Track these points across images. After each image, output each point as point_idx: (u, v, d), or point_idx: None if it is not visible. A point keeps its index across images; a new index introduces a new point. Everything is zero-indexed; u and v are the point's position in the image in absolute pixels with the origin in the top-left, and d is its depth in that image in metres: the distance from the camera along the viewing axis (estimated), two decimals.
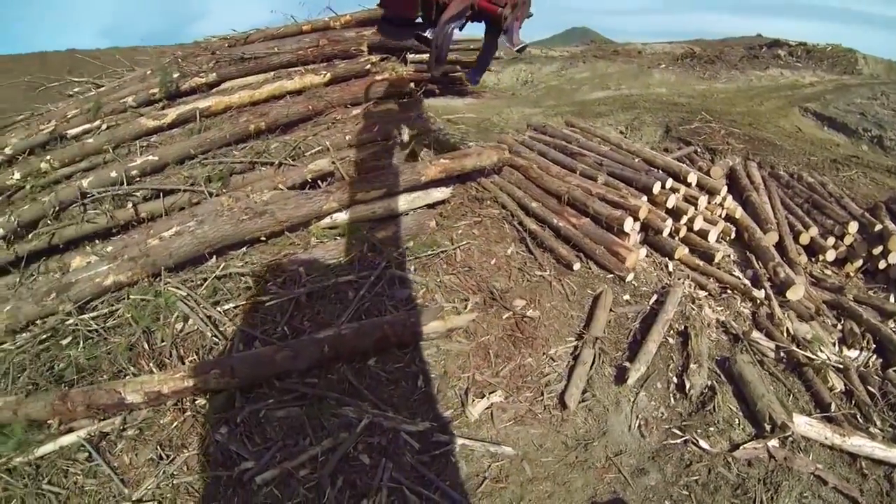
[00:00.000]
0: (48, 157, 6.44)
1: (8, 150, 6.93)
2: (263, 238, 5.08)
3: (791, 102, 11.27)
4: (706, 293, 5.23)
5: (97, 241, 5.76)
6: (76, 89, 10.24)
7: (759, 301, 5.25)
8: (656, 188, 5.45)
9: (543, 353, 4.23)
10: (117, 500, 3.42)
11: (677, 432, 3.88)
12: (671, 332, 4.62)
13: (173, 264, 4.78)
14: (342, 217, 5.22)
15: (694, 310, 4.87)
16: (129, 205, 5.67)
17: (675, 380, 4.27)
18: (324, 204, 5.10)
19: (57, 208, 5.67)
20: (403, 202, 5.33)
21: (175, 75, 7.07)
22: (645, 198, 5.40)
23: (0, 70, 14.61)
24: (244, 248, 5.04)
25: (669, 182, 5.56)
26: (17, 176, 6.38)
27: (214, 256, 5.03)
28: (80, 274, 4.72)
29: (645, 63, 13.98)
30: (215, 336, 4.26)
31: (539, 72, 13.74)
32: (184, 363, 4.14)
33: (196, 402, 3.85)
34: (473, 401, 3.79)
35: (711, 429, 3.90)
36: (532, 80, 13.18)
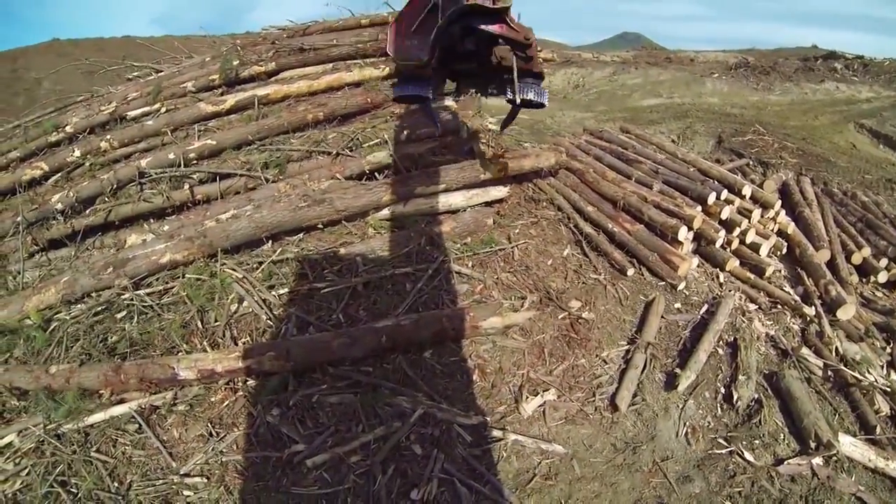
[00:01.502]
0: (108, 137, 6.62)
1: (69, 129, 7.16)
2: (321, 226, 5.14)
3: (846, 118, 11.06)
4: (756, 306, 5.20)
5: (152, 221, 5.88)
6: (135, 73, 10.48)
7: (808, 318, 5.20)
8: (711, 199, 5.44)
9: (596, 355, 4.26)
10: (165, 473, 3.51)
11: (723, 442, 3.88)
12: (721, 342, 4.60)
13: (230, 246, 4.88)
14: (400, 209, 5.27)
15: (744, 322, 4.85)
16: (186, 186, 5.79)
17: (722, 390, 4.26)
18: (383, 196, 5.15)
19: (115, 186, 5.83)
20: (462, 198, 5.38)
21: (235, 63, 7.21)
22: (699, 208, 5.39)
23: (60, 53, 15.16)
24: (300, 235, 5.12)
25: (724, 193, 5.54)
26: (77, 153, 6.58)
27: (270, 241, 5.12)
28: (137, 251, 4.84)
29: (697, 71, 13.83)
30: (269, 319, 4.34)
31: (590, 76, 13.68)
32: (237, 344, 4.22)
33: (248, 382, 3.93)
34: (527, 398, 3.83)
35: (756, 442, 3.89)
36: (583, 85, 13.14)
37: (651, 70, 13.60)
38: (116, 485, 3.47)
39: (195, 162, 5.97)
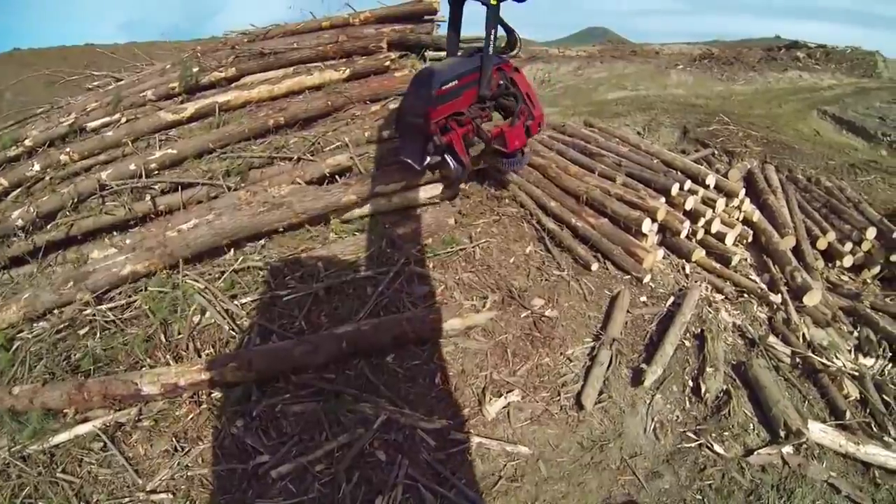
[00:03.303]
0: (68, 150, 6.50)
1: (28, 142, 7.00)
2: (281, 229, 5.11)
3: (809, 105, 11.20)
4: (723, 296, 5.21)
5: (115, 233, 5.81)
6: (96, 83, 10.29)
7: (775, 306, 5.23)
8: (674, 190, 5.44)
9: (560, 353, 4.23)
10: (131, 491, 3.46)
11: (692, 436, 3.87)
12: (687, 334, 4.60)
13: (190, 255, 4.81)
14: (360, 209, 5.25)
15: (710, 313, 4.86)
16: (148, 197, 5.70)
17: (690, 383, 4.25)
18: (342, 196, 5.10)
19: (76, 200, 5.72)
20: (421, 193, 5.38)
21: (194, 70, 7.09)
22: (663, 199, 5.38)
23: (22, 63, 14.87)
24: (262, 242, 5.06)
25: (688, 184, 5.55)
26: (36, 167, 6.44)
27: (232, 250, 5.05)
28: (97, 264, 4.77)
29: (662, 63, 13.92)
30: (232, 329, 4.28)
31: (556, 71, 13.69)
32: (200, 356, 4.17)
33: (212, 394, 3.88)
34: (490, 399, 3.79)
35: (726, 433, 3.89)
36: (549, 80, 13.16)
37: (616, 63, 13.65)
38: None
39: (157, 172, 5.88)
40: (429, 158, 4.81)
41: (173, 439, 3.69)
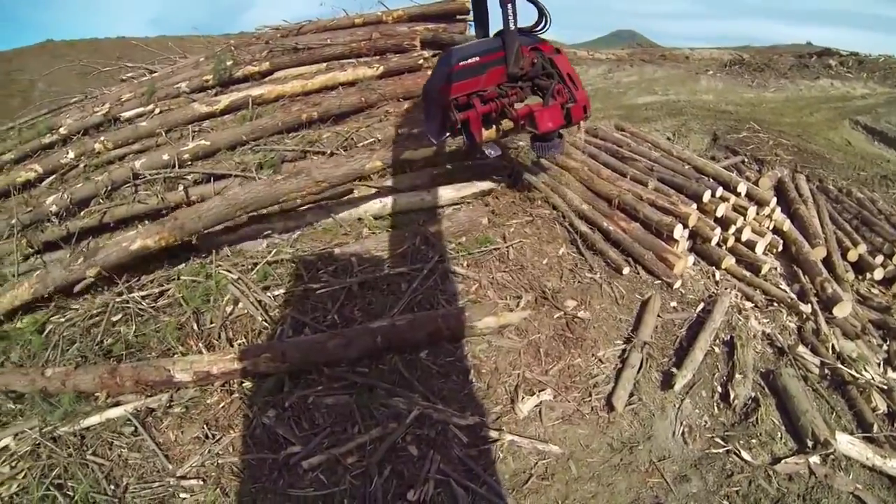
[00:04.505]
0: (102, 138, 6.63)
1: (63, 130, 7.16)
2: (299, 201, 5.12)
3: (841, 115, 11.06)
4: (752, 304, 5.19)
5: (147, 222, 5.86)
6: (129, 74, 10.47)
7: (805, 316, 5.20)
8: (706, 196, 5.43)
9: (592, 355, 4.25)
10: (161, 476, 3.50)
11: (720, 442, 3.87)
12: (717, 341, 4.59)
13: (202, 228, 4.76)
14: (392, 204, 5.30)
15: (740, 320, 4.84)
16: (181, 187, 5.78)
17: (719, 389, 4.25)
18: (366, 162, 5.01)
19: (109, 188, 5.82)
20: (452, 191, 5.41)
21: (228, 63, 7.19)
22: (695, 205, 5.37)
23: (55, 55, 15.12)
24: (295, 235, 5.10)
25: (720, 191, 5.54)
26: (71, 155, 6.57)
27: (265, 242, 5.10)
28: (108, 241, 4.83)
29: (692, 68, 13.81)
30: (265, 320, 4.33)
31: (586, 74, 13.55)
32: (232, 345, 4.22)
33: (243, 384, 3.92)
34: (523, 398, 3.82)
35: (754, 441, 3.88)
36: None
37: (646, 67, 13.56)
38: (113, 487, 3.46)
39: (190, 163, 5.96)
40: (447, 133, 4.82)
41: (204, 426, 3.73)
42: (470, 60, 4.49)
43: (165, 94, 7.34)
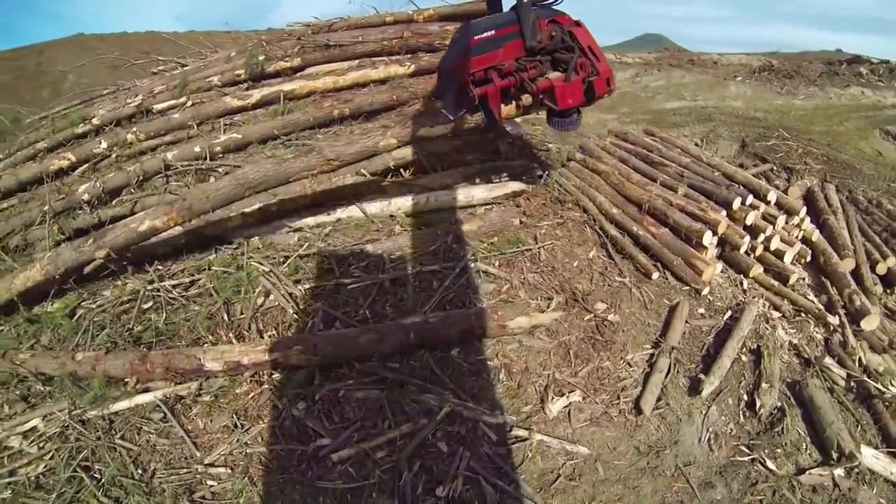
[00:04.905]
0: (134, 129, 6.75)
1: (96, 121, 7.28)
2: (308, 177, 5.07)
3: (872, 124, 10.91)
4: (780, 314, 5.18)
5: None
6: (160, 67, 10.59)
7: (832, 327, 5.18)
8: (736, 203, 5.41)
9: (621, 358, 4.26)
10: (188, 462, 3.56)
11: (745, 450, 3.88)
12: (744, 349, 4.58)
13: (210, 208, 4.76)
14: (421, 201, 5.33)
15: (767, 329, 4.84)
16: (212, 179, 5.84)
17: (745, 397, 4.25)
18: (380, 139, 4.92)
19: (141, 178, 5.95)
20: (484, 191, 5.45)
21: (260, 58, 7.26)
22: (724, 212, 5.35)
23: (85, 48, 15.42)
24: (327, 230, 5.14)
25: (749, 199, 5.51)
26: (104, 145, 6.70)
27: (296, 236, 5.15)
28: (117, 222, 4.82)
29: (721, 74, 13.68)
30: (296, 313, 4.37)
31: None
32: (262, 337, 4.27)
33: (273, 376, 3.97)
34: (553, 398, 3.85)
35: (778, 450, 3.88)
36: None
37: (674, 72, 13.48)
38: (140, 472, 3.53)
39: (221, 156, 6.06)
40: (464, 110, 4.71)
41: (233, 416, 3.79)
42: (486, 34, 4.37)
43: (197, 88, 7.43)
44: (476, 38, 4.35)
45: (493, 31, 4.38)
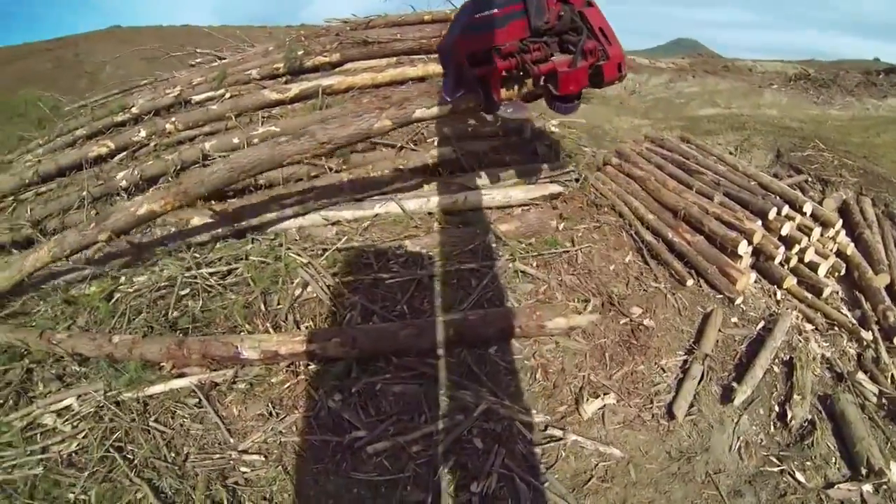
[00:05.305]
0: (173, 119, 6.89)
1: (135, 110, 7.47)
2: (301, 161, 5.13)
3: None
4: (813, 327, 5.16)
5: (213, 202, 6.05)
6: (198, 60, 10.77)
7: (865, 343, 5.15)
8: (772, 214, 5.39)
9: (655, 363, 4.28)
10: (222, 448, 3.61)
11: (775, 461, 3.87)
12: (776, 360, 4.57)
13: (206, 192, 4.81)
14: (460, 199, 5.40)
15: (800, 342, 4.82)
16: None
17: (776, 408, 4.24)
18: (374, 122, 4.75)
19: (179, 167, 6.06)
20: (521, 192, 5.50)
21: (299, 52, 7.38)
22: (760, 222, 5.35)
23: (121, 40, 15.72)
24: (366, 224, 5.22)
25: (785, 209, 5.50)
26: (142, 133, 6.85)
27: (334, 229, 5.24)
28: (117, 206, 4.99)
29: (756, 81, 13.50)
30: (334, 305, 4.43)
31: (647, 83, 13.54)
32: (299, 328, 4.33)
33: (309, 366, 4.02)
34: (588, 399, 3.89)
35: (808, 463, 3.87)
36: (639, 91, 13.02)
37: (708, 79, 13.35)
38: (173, 455, 3.58)
39: None
40: (462, 91, 4.59)
41: (269, 404, 3.84)
42: (488, 12, 4.19)
43: (236, 80, 7.56)
44: (476, 16, 4.22)
45: (496, 10, 4.20)
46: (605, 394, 3.97)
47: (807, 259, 5.64)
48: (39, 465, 3.57)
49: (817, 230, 5.64)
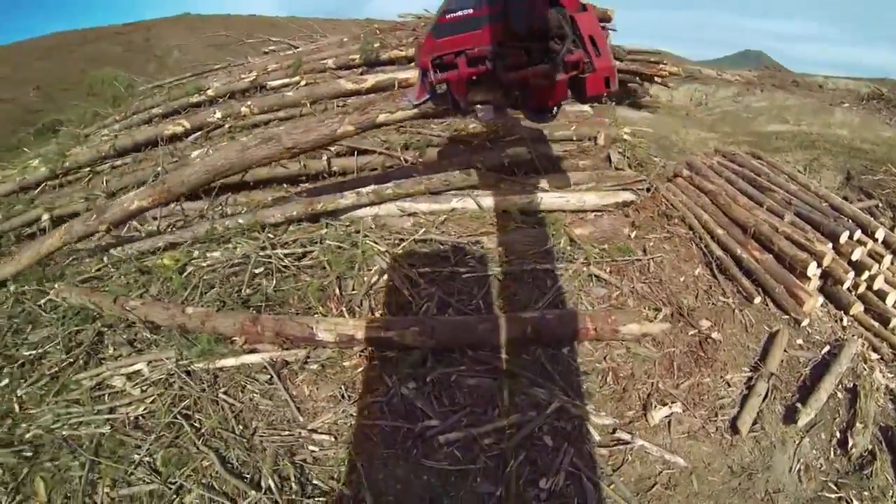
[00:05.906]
0: (248, 103, 7.12)
1: (210, 92, 7.73)
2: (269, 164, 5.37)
3: None
4: (878, 356, 5.12)
5: (286, 185, 6.31)
6: (272, 48, 11.03)
7: None
8: (844, 237, 5.33)
9: (721, 377, 4.32)
10: (290, 425, 3.70)
11: (833, 487, 3.89)
12: (840, 386, 4.56)
13: (186, 191, 5.15)
14: (535, 200, 5.47)
15: (865, 370, 4.78)
16: (324, 157, 6.16)
17: (838, 434, 4.23)
18: (337, 127, 4.80)
19: None
20: (595, 198, 5.57)
21: (375, 45, 7.54)
22: (831, 245, 5.31)
23: (189, 27, 16.24)
24: (443, 218, 5.32)
25: (858, 233, 5.44)
26: (218, 115, 7.10)
27: (410, 220, 5.35)
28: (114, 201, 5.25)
29: (826, 99, 13.19)
30: (410, 295, 4.51)
31: (714, 95, 13.41)
32: (374, 314, 4.43)
33: (384, 353, 4.09)
34: (656, 406, 3.95)
35: (865, 493, 3.87)
36: (706, 103, 12.89)
37: (777, 94, 13.07)
38: (241, 428, 3.68)
39: None
40: (427, 97, 4.34)
41: (341, 387, 3.93)
42: (461, 13, 3.85)
43: (311, 69, 7.76)
44: (447, 17, 3.89)
45: (469, 10, 3.87)
46: (672, 402, 4.03)
47: (875, 286, 5.56)
48: (106, 425, 3.73)
49: (888, 258, 5.57)
